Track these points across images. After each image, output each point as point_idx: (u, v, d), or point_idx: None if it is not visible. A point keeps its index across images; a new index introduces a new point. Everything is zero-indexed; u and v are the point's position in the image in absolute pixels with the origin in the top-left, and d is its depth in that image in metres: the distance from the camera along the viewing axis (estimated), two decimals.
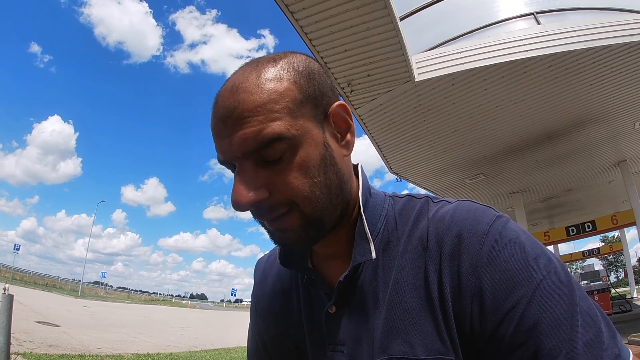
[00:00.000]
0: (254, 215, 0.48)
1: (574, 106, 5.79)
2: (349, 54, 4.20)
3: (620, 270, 53.40)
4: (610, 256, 50.67)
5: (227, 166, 0.48)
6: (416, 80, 4.70)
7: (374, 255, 0.50)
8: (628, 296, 14.80)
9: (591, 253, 19.57)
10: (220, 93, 0.47)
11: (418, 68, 4.73)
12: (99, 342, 7.54)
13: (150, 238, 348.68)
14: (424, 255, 0.47)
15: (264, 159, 0.45)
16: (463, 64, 4.71)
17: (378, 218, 0.53)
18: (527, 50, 4.63)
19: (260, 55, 0.60)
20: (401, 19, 4.38)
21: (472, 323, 0.43)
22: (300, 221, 0.47)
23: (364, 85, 4.75)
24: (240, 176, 0.45)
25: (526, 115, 5.86)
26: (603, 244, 40.10)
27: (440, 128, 5.98)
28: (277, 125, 0.44)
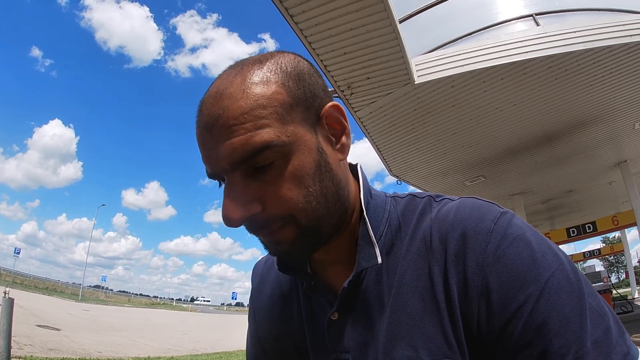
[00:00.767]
0: (248, 229, 0.46)
1: (573, 107, 5.79)
2: (349, 56, 4.21)
3: (622, 270, 53.30)
4: (611, 257, 50.55)
5: (216, 179, 0.46)
6: (416, 82, 4.70)
7: (379, 260, 0.48)
8: (629, 297, 14.77)
9: (592, 254, 19.59)
10: (204, 100, 0.44)
11: (418, 70, 4.74)
12: (100, 346, 7.53)
13: (150, 242, 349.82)
14: (427, 256, 0.46)
15: (254, 170, 0.43)
16: (462, 66, 4.72)
17: (380, 221, 0.51)
18: (527, 52, 4.63)
19: None
20: (400, 22, 4.39)
21: (480, 323, 0.42)
22: (296, 233, 0.45)
23: (363, 88, 4.76)
24: (229, 190, 0.43)
25: (526, 117, 5.86)
26: (604, 244, 40.11)
27: (440, 130, 5.98)
28: (266, 133, 0.41)
